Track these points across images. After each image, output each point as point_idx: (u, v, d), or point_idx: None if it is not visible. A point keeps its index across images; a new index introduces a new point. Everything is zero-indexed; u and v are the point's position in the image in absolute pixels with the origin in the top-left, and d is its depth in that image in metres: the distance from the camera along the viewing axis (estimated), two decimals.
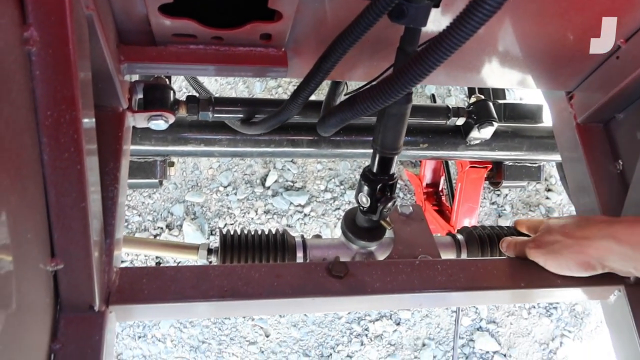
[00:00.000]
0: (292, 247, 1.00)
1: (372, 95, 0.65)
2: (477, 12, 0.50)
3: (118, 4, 0.75)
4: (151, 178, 1.38)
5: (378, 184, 0.87)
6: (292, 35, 0.85)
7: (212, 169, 2.44)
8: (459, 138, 1.43)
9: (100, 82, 0.78)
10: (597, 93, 1.04)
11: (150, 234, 2.29)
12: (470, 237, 1.10)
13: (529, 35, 0.93)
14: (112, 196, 0.81)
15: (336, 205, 2.42)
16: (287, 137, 1.27)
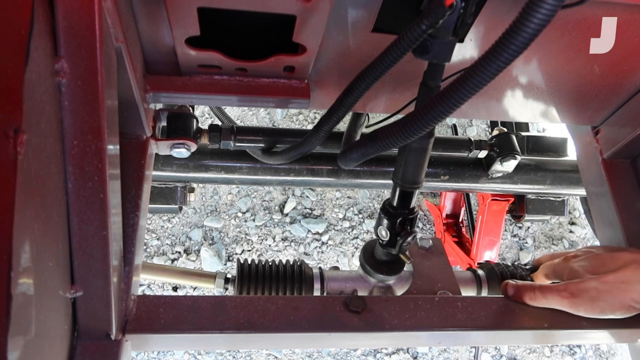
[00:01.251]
0: (309, 279, 0.99)
1: (394, 132, 0.64)
2: (503, 51, 0.50)
3: (146, 36, 0.77)
4: (171, 204, 1.39)
5: (398, 218, 0.85)
6: (315, 67, 0.85)
7: (231, 195, 2.46)
8: (481, 170, 1.41)
9: (126, 110, 0.80)
10: (624, 128, 1.02)
11: (168, 258, 2.29)
12: (491, 274, 1.07)
13: (555, 69, 0.92)
14: (132, 223, 0.81)
15: (354, 234, 2.41)
16: (307, 167, 1.27)
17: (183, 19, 0.68)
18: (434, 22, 0.57)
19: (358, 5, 0.74)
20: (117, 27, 0.62)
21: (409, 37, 0.59)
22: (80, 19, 0.54)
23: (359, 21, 0.77)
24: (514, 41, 0.49)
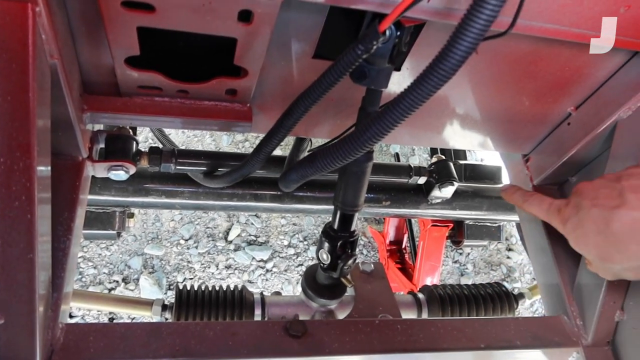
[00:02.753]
0: (250, 304, 0.97)
1: (332, 153, 0.66)
2: (433, 76, 0.53)
3: (84, 54, 0.75)
4: (109, 229, 1.33)
5: (339, 241, 0.86)
6: (258, 91, 0.86)
7: (173, 221, 2.40)
8: (421, 196, 1.46)
9: (61, 130, 0.77)
10: (551, 156, 1.09)
11: (105, 287, 2.19)
12: (431, 296, 1.10)
13: (486, 99, 0.97)
14: (63, 247, 0.78)
15: (299, 261, 2.40)
16: (250, 191, 1.26)
17: (122, 38, 0.67)
18: (368, 47, 0.59)
19: (299, 32, 0.76)
20: (52, 44, 0.61)
21: (345, 61, 0.61)
22: (12, 32, 0.53)
23: (300, 47, 0.79)
24: (442, 67, 0.52)
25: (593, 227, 0.70)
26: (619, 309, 0.92)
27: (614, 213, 0.67)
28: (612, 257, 0.70)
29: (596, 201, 0.71)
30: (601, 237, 0.69)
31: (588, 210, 0.71)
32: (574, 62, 0.88)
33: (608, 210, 0.68)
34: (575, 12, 0.67)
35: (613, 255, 0.69)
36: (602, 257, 0.72)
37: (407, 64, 0.85)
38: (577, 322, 0.97)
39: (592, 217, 0.70)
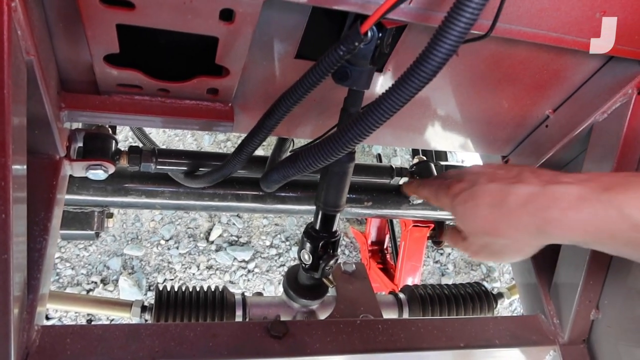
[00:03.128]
0: (231, 305, 0.97)
1: (314, 153, 0.66)
2: (413, 79, 0.53)
3: (62, 51, 0.74)
4: (87, 229, 1.31)
5: (320, 241, 0.86)
6: (240, 90, 0.86)
7: (154, 222, 2.37)
8: (402, 197, 1.46)
9: (37, 128, 0.76)
10: (529, 158, 1.10)
11: (83, 288, 2.16)
12: (412, 296, 1.10)
13: (467, 101, 0.98)
14: (39, 248, 0.76)
15: (281, 262, 2.39)
16: (232, 192, 1.25)
17: (101, 35, 0.66)
18: (350, 48, 0.59)
19: (281, 31, 0.76)
20: (29, 40, 0.60)
21: (327, 62, 0.61)
22: None
23: (282, 47, 0.79)
24: (423, 69, 0.52)
25: (488, 200, 0.70)
26: (594, 308, 0.94)
27: (512, 187, 0.68)
28: (500, 230, 0.70)
29: (494, 177, 0.72)
30: (494, 209, 0.69)
31: (485, 184, 0.72)
32: (551, 65, 0.89)
33: (506, 184, 0.69)
34: (553, 17, 0.68)
35: (502, 228, 0.69)
36: (489, 230, 0.71)
37: (389, 65, 0.85)
38: (554, 320, 0.98)
39: (488, 191, 0.71)
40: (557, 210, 0.63)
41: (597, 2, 0.68)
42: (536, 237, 0.67)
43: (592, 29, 0.71)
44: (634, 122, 0.88)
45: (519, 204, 0.67)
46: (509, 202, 0.67)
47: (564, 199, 0.63)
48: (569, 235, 0.64)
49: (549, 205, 0.64)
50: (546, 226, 0.64)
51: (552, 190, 0.65)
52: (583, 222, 0.61)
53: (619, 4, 0.69)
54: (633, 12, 0.71)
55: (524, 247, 0.71)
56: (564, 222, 0.63)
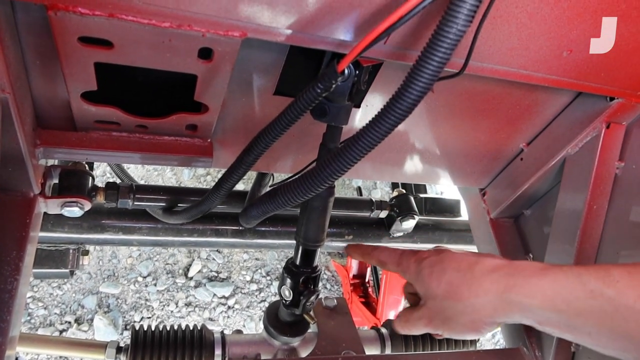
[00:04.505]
0: (210, 344, 0.94)
1: (293, 189, 0.66)
2: (389, 115, 0.54)
3: (38, 88, 0.74)
4: (61, 268, 1.28)
5: (301, 277, 0.85)
6: (219, 126, 0.86)
7: (131, 258, 2.32)
8: (383, 230, 1.47)
9: (11, 165, 0.74)
10: (506, 190, 1.12)
11: (56, 329, 2.09)
12: (394, 331, 1.09)
13: (444, 135, 1.00)
14: (10, 288, 0.74)
15: (262, 297, 2.36)
16: (211, 227, 1.24)
17: (79, 73, 0.66)
18: (328, 85, 0.60)
19: (260, 69, 0.77)
20: (4, 78, 0.59)
21: (305, 99, 0.62)
22: None
23: (261, 84, 0.80)
24: (399, 106, 0.53)
25: (454, 265, 0.75)
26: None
27: (480, 257, 0.75)
28: (461, 294, 0.73)
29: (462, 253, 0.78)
30: (459, 274, 0.74)
31: (454, 253, 0.78)
32: (524, 101, 0.92)
33: (476, 256, 0.76)
34: (523, 55, 0.71)
35: (463, 292, 0.73)
36: (450, 293, 0.75)
37: (367, 101, 0.87)
38: (536, 353, 0.98)
39: (457, 258, 0.76)
40: (520, 277, 0.68)
41: (564, 42, 0.71)
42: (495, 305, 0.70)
43: (561, 67, 0.74)
44: (605, 155, 0.91)
45: (484, 272, 0.72)
46: (474, 269, 0.73)
47: (528, 269, 0.68)
48: (527, 301, 0.67)
49: (513, 273, 0.69)
50: (508, 292, 0.68)
51: (517, 263, 0.71)
52: (543, 287, 0.65)
53: (585, 44, 0.72)
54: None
55: (478, 318, 0.73)
56: (525, 287, 0.67)
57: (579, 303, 0.62)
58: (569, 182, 0.96)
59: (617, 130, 0.91)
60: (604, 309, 0.60)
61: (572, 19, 0.68)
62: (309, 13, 0.59)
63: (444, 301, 0.76)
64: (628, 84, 0.81)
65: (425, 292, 0.79)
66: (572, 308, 0.63)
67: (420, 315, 0.81)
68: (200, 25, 0.57)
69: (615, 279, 0.60)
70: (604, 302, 0.60)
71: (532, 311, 0.67)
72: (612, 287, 0.59)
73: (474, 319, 0.73)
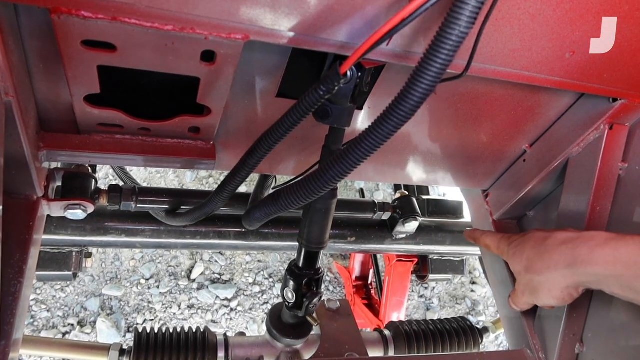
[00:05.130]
0: (212, 347, 0.94)
1: (296, 191, 0.66)
2: (392, 117, 0.54)
3: (42, 91, 0.74)
4: (64, 270, 1.28)
5: (304, 279, 0.85)
6: (222, 129, 0.86)
7: (134, 260, 2.32)
8: (386, 232, 1.47)
9: (15, 168, 0.75)
10: (509, 192, 1.12)
11: (59, 331, 2.09)
12: (397, 333, 1.09)
13: (446, 137, 1.00)
14: (14, 291, 0.74)
15: (264, 299, 2.35)
16: (214, 229, 1.24)
17: (82, 77, 0.66)
18: (330, 88, 0.60)
19: (262, 71, 0.77)
20: (8, 82, 0.60)
21: (308, 101, 0.62)
22: None
23: (263, 86, 0.80)
24: (401, 108, 0.53)
25: (532, 243, 0.85)
26: (578, 342, 0.94)
27: (553, 232, 0.83)
28: (536, 267, 0.83)
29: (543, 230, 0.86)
30: (534, 249, 0.83)
31: (533, 233, 0.87)
32: (526, 102, 0.92)
33: (549, 232, 0.83)
34: (525, 57, 0.71)
35: (538, 265, 0.82)
36: (528, 267, 0.85)
37: (369, 103, 0.87)
38: (540, 355, 0.98)
39: (535, 236, 0.85)
40: (586, 248, 0.74)
41: (566, 43, 0.71)
42: (564, 275, 0.78)
43: (563, 68, 0.74)
44: (608, 156, 0.90)
45: (555, 245, 0.80)
46: (547, 243, 0.81)
47: (594, 239, 0.74)
48: (592, 269, 0.74)
49: (579, 245, 0.75)
50: (574, 262, 0.75)
51: (585, 234, 0.77)
52: (605, 255, 0.72)
53: (587, 46, 0.72)
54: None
55: (555, 286, 0.81)
56: (590, 257, 0.73)
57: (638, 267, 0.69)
58: (572, 184, 0.95)
59: (620, 132, 0.90)
60: None
61: (575, 20, 0.68)
62: (312, 15, 0.59)
63: (527, 275, 0.86)
64: (631, 85, 0.80)
65: (513, 269, 0.90)
66: (631, 272, 0.69)
67: (517, 290, 0.92)
68: (203, 28, 0.57)
69: None
70: None
71: (597, 276, 0.73)
72: None
73: (551, 287, 0.81)
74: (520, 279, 0.89)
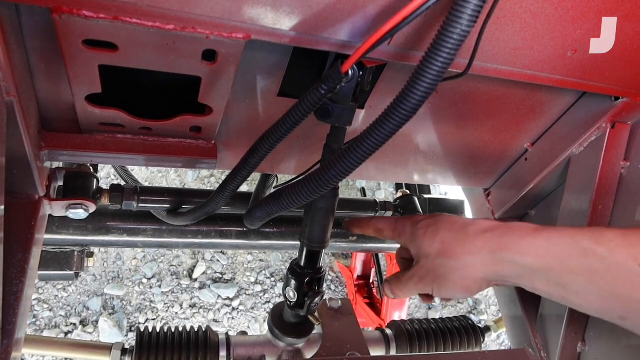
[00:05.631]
0: (214, 346, 0.94)
1: (297, 190, 0.66)
2: (393, 116, 0.54)
3: (43, 91, 0.74)
4: (66, 270, 1.28)
5: (305, 278, 0.85)
6: (223, 128, 0.86)
7: (136, 260, 2.33)
8: None
9: (16, 168, 0.75)
10: (511, 191, 1.12)
11: (61, 331, 2.09)
12: (399, 332, 1.09)
13: (448, 136, 1.00)
14: (16, 291, 0.74)
15: (266, 299, 2.35)
16: (216, 228, 1.24)
17: (84, 76, 0.66)
18: (332, 87, 0.60)
19: (264, 70, 0.77)
20: (9, 81, 0.60)
21: (309, 100, 0.62)
22: None
23: (265, 85, 0.80)
24: (403, 107, 0.53)
25: (449, 227, 0.77)
26: (580, 341, 0.94)
27: (474, 220, 0.77)
28: (454, 251, 0.75)
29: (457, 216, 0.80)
30: (453, 233, 0.76)
31: (446, 216, 0.80)
32: (528, 101, 0.92)
33: (470, 220, 0.78)
34: (527, 55, 0.71)
35: (456, 249, 0.74)
36: (444, 250, 0.76)
37: (371, 101, 0.87)
38: (542, 354, 0.98)
39: (451, 220, 0.79)
40: (514, 236, 0.69)
41: (568, 41, 0.71)
42: (486, 263, 0.71)
43: (565, 67, 0.74)
44: (610, 155, 0.90)
45: (478, 231, 0.73)
46: (468, 229, 0.75)
47: (522, 229, 0.69)
48: (519, 259, 0.68)
49: (506, 233, 0.70)
50: (500, 250, 0.69)
51: (511, 224, 0.72)
52: (536, 244, 0.66)
53: (589, 44, 0.72)
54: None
55: (469, 275, 0.74)
56: (518, 245, 0.68)
57: (571, 261, 0.63)
58: (574, 182, 0.95)
59: (622, 130, 0.90)
60: (595, 267, 0.61)
61: (577, 18, 0.68)
62: (313, 14, 0.59)
63: (437, 259, 0.77)
64: (633, 84, 0.80)
65: (418, 251, 0.81)
66: (564, 266, 0.64)
67: (411, 275, 0.82)
68: (204, 27, 0.57)
69: (608, 238, 0.61)
70: (596, 261, 0.61)
71: (523, 268, 0.67)
72: (605, 246, 0.61)
73: (464, 275, 0.74)
74: (424, 263, 0.79)
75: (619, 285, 0.60)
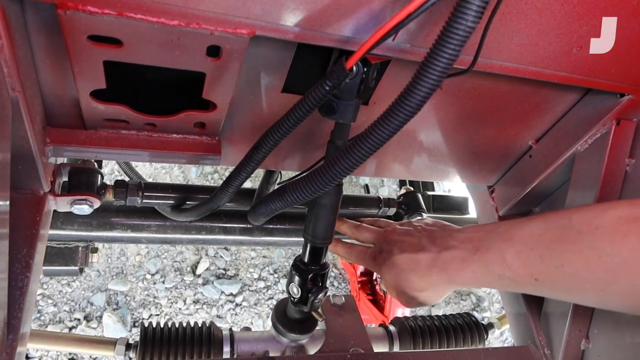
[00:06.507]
0: (218, 341, 0.95)
1: (301, 186, 0.66)
2: (398, 112, 0.54)
3: (48, 86, 0.74)
4: (71, 265, 1.28)
5: (309, 274, 0.86)
6: (227, 124, 0.86)
7: (139, 255, 2.34)
8: None
9: (21, 163, 0.75)
10: (515, 188, 1.12)
11: (66, 326, 2.10)
12: (402, 329, 1.09)
13: (452, 133, 1.00)
14: (21, 286, 0.74)
15: (269, 295, 2.36)
16: (219, 224, 1.24)
17: (88, 72, 0.66)
18: (336, 83, 0.60)
19: (268, 66, 0.77)
20: (14, 77, 0.60)
21: (314, 97, 0.62)
22: None
23: (269, 81, 0.80)
24: (407, 103, 0.53)
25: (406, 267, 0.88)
26: (584, 338, 0.94)
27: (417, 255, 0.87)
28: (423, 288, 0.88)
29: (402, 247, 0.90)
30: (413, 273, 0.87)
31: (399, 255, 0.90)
32: (532, 98, 0.91)
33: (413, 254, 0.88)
34: (532, 52, 0.70)
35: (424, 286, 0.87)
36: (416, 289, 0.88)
37: (375, 97, 0.87)
38: (545, 351, 0.98)
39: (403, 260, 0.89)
40: (452, 270, 0.82)
41: (574, 38, 0.70)
42: (447, 287, 0.86)
43: (571, 63, 0.74)
44: (615, 152, 0.90)
45: (427, 267, 0.85)
46: (420, 267, 0.86)
47: (453, 263, 0.81)
48: (467, 286, 0.84)
49: (445, 267, 0.82)
50: (451, 281, 0.83)
51: (443, 256, 0.83)
52: (469, 278, 0.79)
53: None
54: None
55: (442, 293, 0.88)
56: (459, 277, 0.81)
57: (496, 284, 0.77)
58: (579, 179, 0.95)
59: (627, 127, 0.90)
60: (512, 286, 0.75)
61: (582, 14, 0.68)
62: (318, 10, 0.58)
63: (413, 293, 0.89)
64: (638, 80, 0.80)
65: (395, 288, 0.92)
66: (493, 287, 0.80)
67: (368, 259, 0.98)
68: (208, 23, 0.57)
69: (508, 263, 0.72)
70: (509, 283, 0.74)
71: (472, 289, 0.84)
72: (509, 270, 0.72)
73: (439, 295, 0.88)
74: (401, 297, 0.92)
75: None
